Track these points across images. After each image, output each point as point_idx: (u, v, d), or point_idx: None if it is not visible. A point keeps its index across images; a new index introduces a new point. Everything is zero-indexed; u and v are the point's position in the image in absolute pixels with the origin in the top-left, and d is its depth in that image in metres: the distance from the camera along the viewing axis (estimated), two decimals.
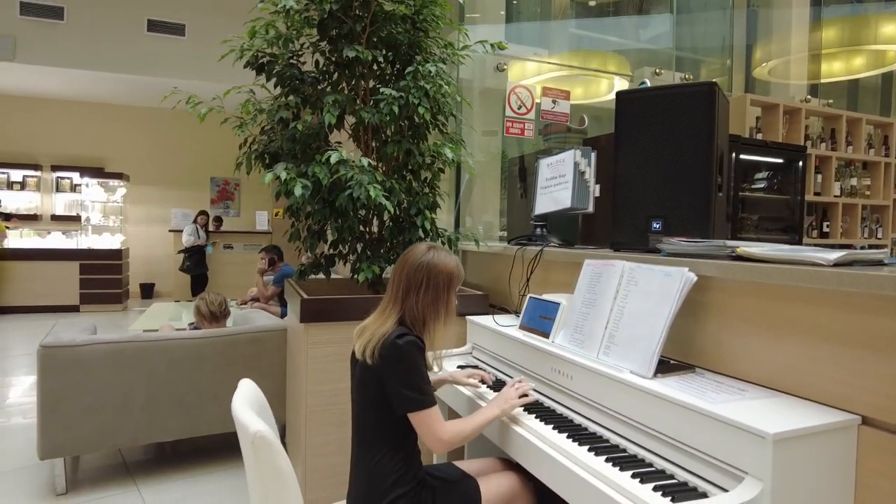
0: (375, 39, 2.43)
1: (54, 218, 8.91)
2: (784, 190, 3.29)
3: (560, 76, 4.60)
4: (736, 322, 1.46)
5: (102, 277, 8.06)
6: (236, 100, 2.55)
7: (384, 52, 2.46)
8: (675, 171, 1.96)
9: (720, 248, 1.56)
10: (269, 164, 2.56)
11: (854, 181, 4.41)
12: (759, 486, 1.08)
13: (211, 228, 8.30)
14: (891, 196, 4.58)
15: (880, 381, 1.13)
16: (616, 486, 1.22)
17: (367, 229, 2.59)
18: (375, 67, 2.55)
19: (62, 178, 8.95)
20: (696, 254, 1.61)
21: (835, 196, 4.29)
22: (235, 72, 2.59)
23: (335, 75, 2.50)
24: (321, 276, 2.63)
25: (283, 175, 2.08)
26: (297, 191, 2.10)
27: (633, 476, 1.25)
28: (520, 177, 3.76)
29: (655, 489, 1.19)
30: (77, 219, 8.78)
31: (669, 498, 1.14)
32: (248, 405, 1.34)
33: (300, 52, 2.47)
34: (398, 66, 2.57)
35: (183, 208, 8.78)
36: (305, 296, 2.25)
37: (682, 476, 1.25)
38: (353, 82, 2.51)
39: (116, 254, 8.24)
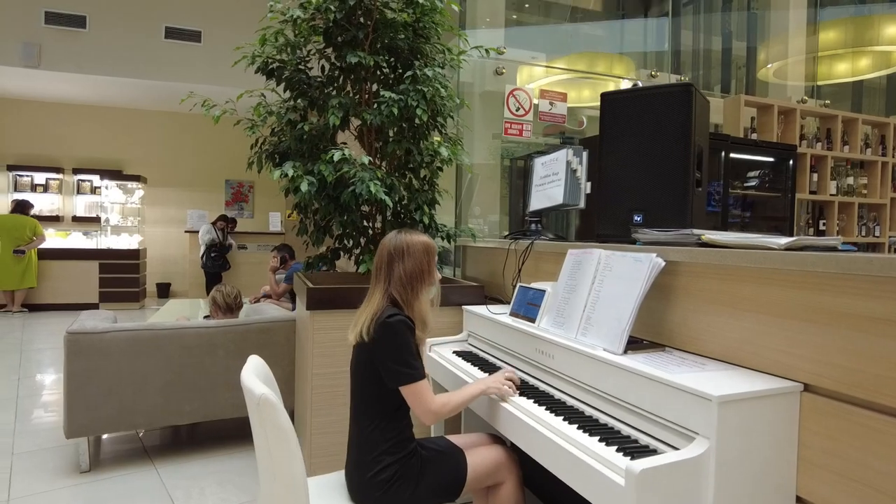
0: (378, 45, 2.59)
1: (75, 219, 9.20)
2: (775, 188, 3.39)
3: (565, 79, 4.73)
4: (700, 303, 1.59)
5: (121, 276, 8.33)
6: (249, 103, 2.72)
7: (387, 57, 2.62)
8: (655, 167, 2.09)
9: (688, 237, 1.69)
10: (278, 163, 2.73)
11: (851, 180, 4.48)
12: (706, 444, 1.21)
13: (228, 231, 8.52)
14: (888, 195, 4.64)
15: (819, 352, 1.26)
16: (584, 448, 1.36)
17: (371, 224, 2.74)
18: (378, 72, 2.71)
19: (83, 180, 9.24)
20: (667, 242, 1.74)
21: (831, 195, 4.37)
22: (248, 77, 2.77)
23: (340, 79, 2.66)
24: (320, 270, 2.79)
25: (291, 172, 2.25)
26: (304, 187, 2.26)
27: (600, 440, 1.38)
28: (518, 176, 3.89)
29: (618, 450, 1.32)
30: (97, 220, 9.07)
31: (629, 457, 1.27)
32: (254, 374, 1.49)
33: (307, 58, 2.63)
34: (400, 70, 2.73)
35: (199, 209, 9.02)
36: (312, 285, 2.41)
37: (644, 440, 1.38)
38: (356, 86, 2.68)
39: (134, 254, 8.51)
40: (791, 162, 3.29)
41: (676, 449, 1.29)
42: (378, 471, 1.55)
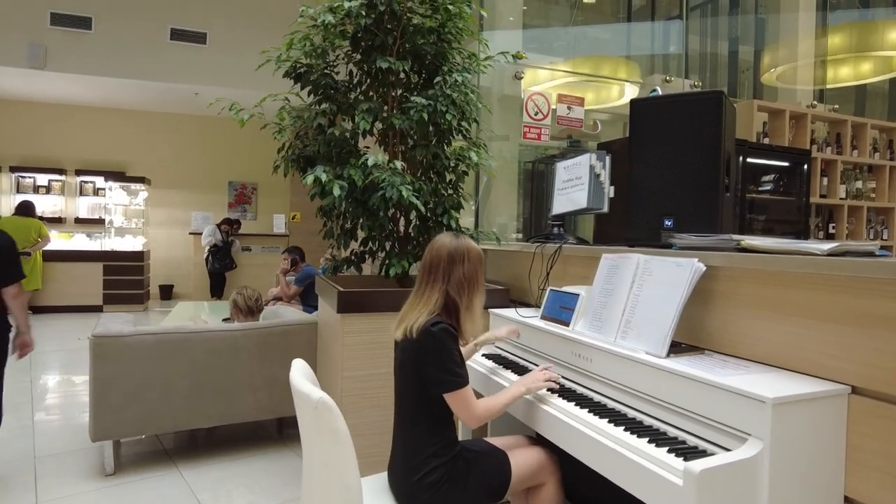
0: (402, 50, 2.62)
1: (78, 221, 9.17)
2: (789, 192, 3.44)
3: (570, 82, 4.77)
4: (740, 307, 1.62)
5: (125, 279, 8.31)
6: (269, 107, 2.73)
7: (410, 62, 2.65)
8: (685, 172, 2.12)
9: (727, 242, 1.72)
10: (303, 168, 2.75)
11: (859, 184, 4.54)
12: (760, 444, 1.24)
13: (231, 231, 8.52)
14: None
15: (867, 354, 1.29)
16: (635, 449, 1.38)
17: (395, 228, 2.77)
18: (402, 76, 2.74)
19: (86, 182, 9.22)
20: (705, 247, 1.77)
21: (840, 199, 4.43)
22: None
23: (366, 84, 2.68)
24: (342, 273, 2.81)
25: (324, 177, 2.27)
26: (336, 191, 2.28)
27: (650, 441, 1.41)
28: (528, 179, 3.91)
29: (669, 451, 1.35)
30: (100, 222, 9.05)
31: (682, 457, 1.30)
32: (305, 377, 1.51)
33: (335, 63, 2.65)
34: (424, 75, 2.76)
35: (203, 211, 9.01)
36: (342, 289, 2.43)
37: (692, 441, 1.41)
38: (381, 91, 2.70)
39: (138, 255, 8.49)
40: (805, 166, 3.34)
41: (727, 450, 1.32)
42: (426, 473, 1.57)
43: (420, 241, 2.73)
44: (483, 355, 2.34)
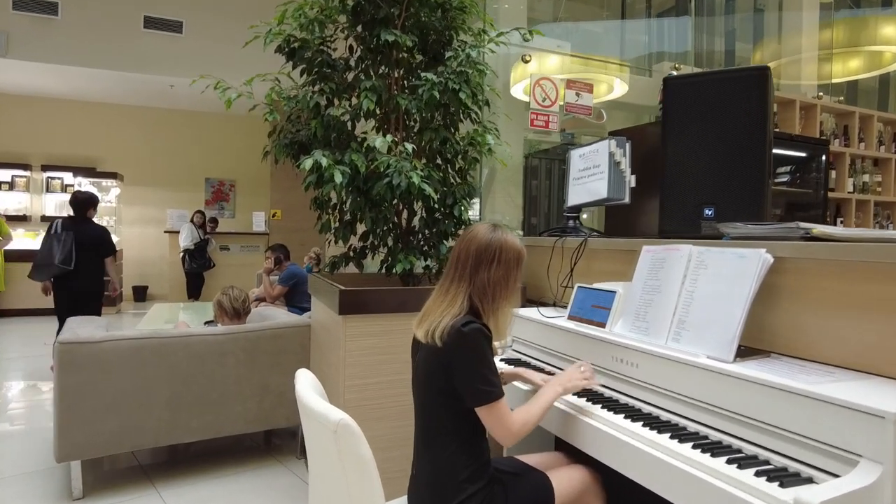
0: (408, 24, 2.37)
1: (45, 219, 8.68)
2: (806, 184, 3.29)
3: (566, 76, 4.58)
4: (813, 304, 1.42)
5: None
6: (257, 91, 2.46)
7: (417, 38, 2.41)
8: (727, 156, 1.93)
9: (793, 231, 1.52)
10: (295, 155, 2.49)
11: (866, 177, 4.45)
12: (878, 469, 1.03)
13: (207, 229, 8.16)
14: None
15: None
16: (713, 472, 1.17)
17: (399, 220, 2.53)
18: (405, 54, 2.49)
19: (53, 178, 8.74)
20: (767, 236, 1.57)
21: (849, 192, 4.32)
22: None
23: (367, 62, 2.43)
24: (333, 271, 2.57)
25: (324, 161, 2.01)
26: (338, 178, 2.03)
27: (729, 462, 1.19)
28: (527, 175, 3.70)
29: (758, 474, 1.14)
30: None
31: (777, 483, 1.09)
32: (315, 392, 1.27)
33: (332, 38, 2.40)
34: (430, 53, 2.52)
35: (179, 209, 8.61)
36: (343, 287, 2.18)
37: (778, 461, 1.20)
38: (384, 69, 2.45)
39: None
40: (823, 157, 3.20)
41: (826, 472, 1.12)
42: (461, 501, 1.34)
43: (426, 235, 2.50)
44: (501, 360, 2.12)
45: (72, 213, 4.42)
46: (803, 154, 3.22)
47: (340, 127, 2.32)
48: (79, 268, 4.21)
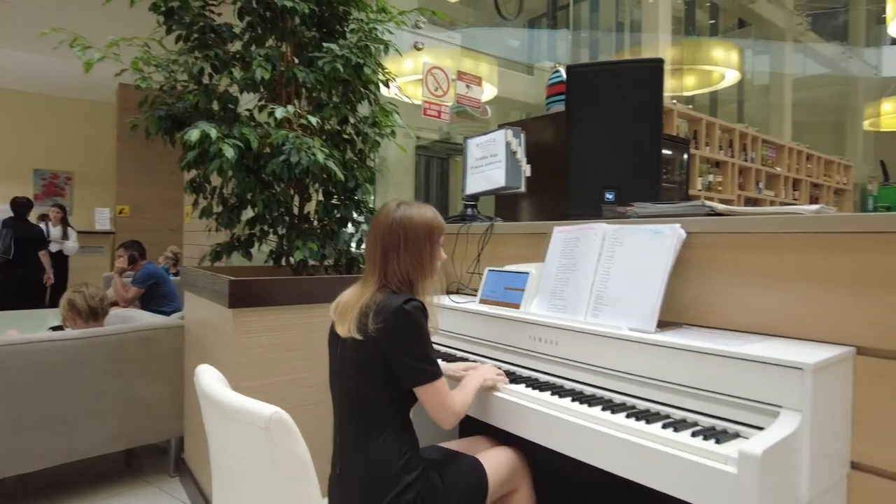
0: None
1: None
2: (671, 181, 3.62)
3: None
4: (722, 276, 1.51)
5: None
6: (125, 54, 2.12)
7: (314, 7, 2.24)
8: (626, 143, 2.02)
9: (698, 208, 1.62)
10: (169, 130, 2.18)
11: (711, 177, 5.03)
12: (798, 417, 1.11)
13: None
14: (735, 192, 5.30)
15: (868, 313, 1.24)
16: (654, 437, 1.19)
17: (291, 205, 2.33)
18: (300, 24, 2.31)
19: None
20: (674, 214, 1.66)
21: (698, 190, 4.86)
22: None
23: (256, 31, 2.21)
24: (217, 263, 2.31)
25: (213, 133, 1.77)
26: (229, 153, 1.80)
27: (664, 427, 1.22)
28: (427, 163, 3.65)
29: (694, 434, 1.17)
30: None
31: (713, 440, 1.13)
32: (232, 390, 1.09)
33: (216, 3, 2.15)
34: (324, 28, 2.35)
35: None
36: (232, 278, 1.94)
37: (705, 422, 1.25)
38: (274, 41, 2.24)
39: None
40: (685, 156, 3.55)
41: (750, 426, 1.18)
42: (399, 493, 1.22)
43: (324, 223, 2.33)
44: None
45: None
46: (670, 152, 3.54)
47: (227, 98, 2.07)
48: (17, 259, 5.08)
